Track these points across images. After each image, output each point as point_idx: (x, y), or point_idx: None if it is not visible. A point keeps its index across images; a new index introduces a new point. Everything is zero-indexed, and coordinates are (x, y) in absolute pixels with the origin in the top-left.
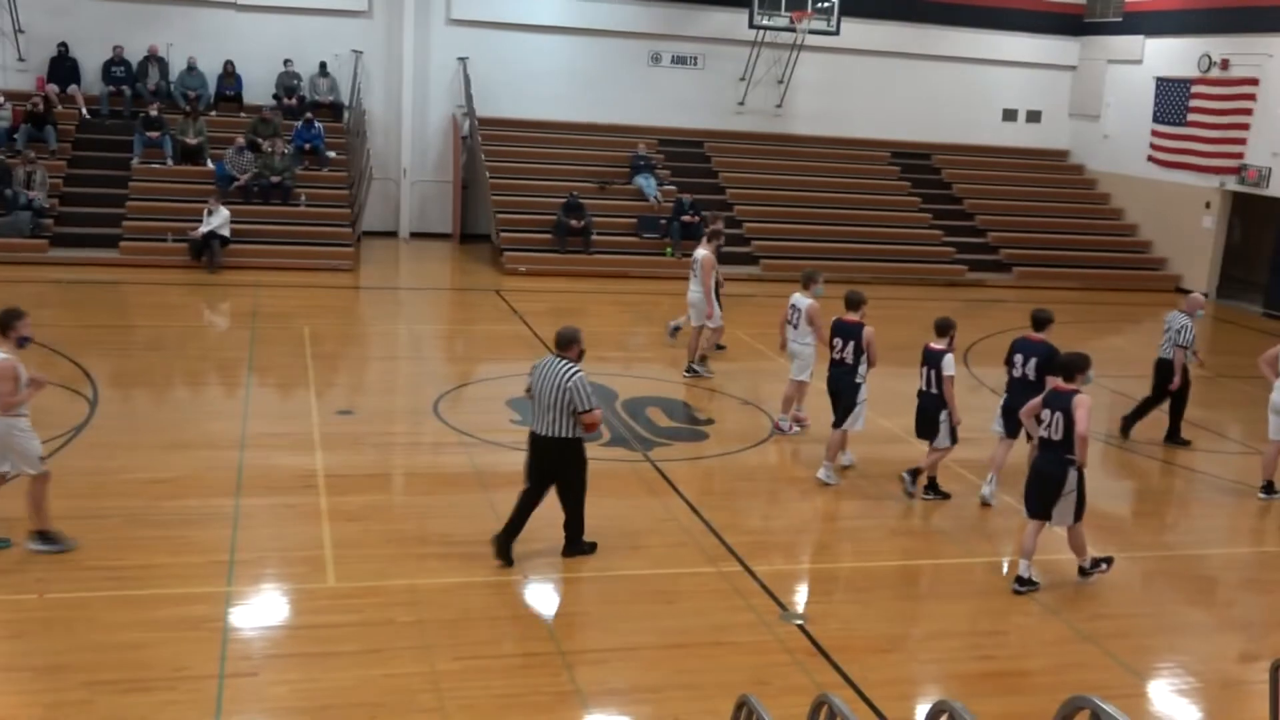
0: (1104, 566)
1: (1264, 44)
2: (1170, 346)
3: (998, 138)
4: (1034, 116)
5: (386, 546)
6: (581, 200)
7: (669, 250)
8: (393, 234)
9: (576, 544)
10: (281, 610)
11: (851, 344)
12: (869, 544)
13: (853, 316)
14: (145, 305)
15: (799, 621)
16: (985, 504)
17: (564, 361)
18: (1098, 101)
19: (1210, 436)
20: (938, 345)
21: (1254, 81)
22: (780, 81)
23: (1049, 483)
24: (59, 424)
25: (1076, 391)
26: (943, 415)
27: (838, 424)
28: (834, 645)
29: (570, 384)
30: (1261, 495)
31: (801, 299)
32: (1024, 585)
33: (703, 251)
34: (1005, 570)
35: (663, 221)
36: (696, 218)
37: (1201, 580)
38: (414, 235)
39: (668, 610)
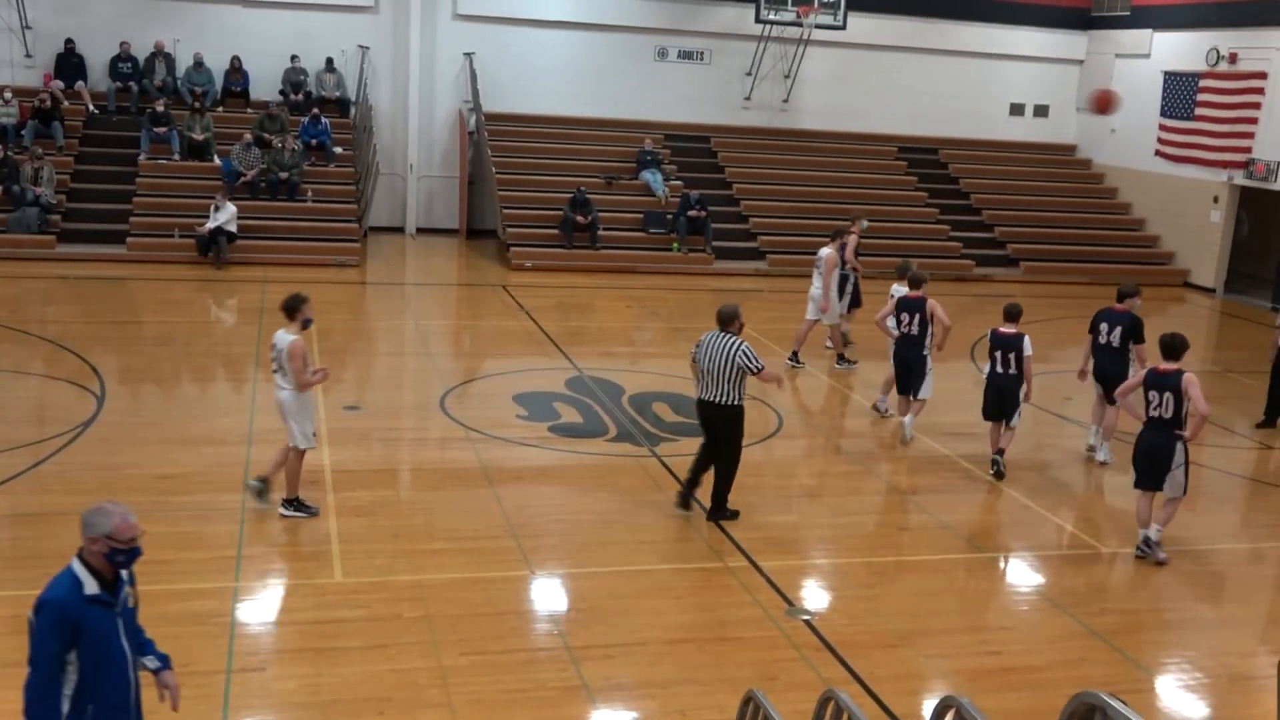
0: (1163, 556)
1: (1273, 38)
2: None
3: (1005, 132)
4: (1041, 111)
5: (393, 542)
6: (588, 195)
7: (675, 245)
8: (399, 229)
9: (721, 510)
10: (289, 605)
11: (917, 317)
12: (876, 540)
13: (916, 293)
14: (152, 301)
15: (806, 617)
16: (1095, 457)
17: (728, 335)
18: None
19: (1218, 431)
20: (1010, 329)
21: (1262, 75)
22: (787, 76)
23: (1160, 457)
24: (67, 420)
25: (1182, 371)
26: (1021, 391)
27: (912, 393)
28: (841, 641)
29: (738, 355)
30: None
31: (899, 289)
32: (1149, 547)
33: (827, 250)
34: (1003, 565)
35: (669, 217)
36: (703, 213)
37: (1210, 575)
38: (420, 231)
39: (674, 605)
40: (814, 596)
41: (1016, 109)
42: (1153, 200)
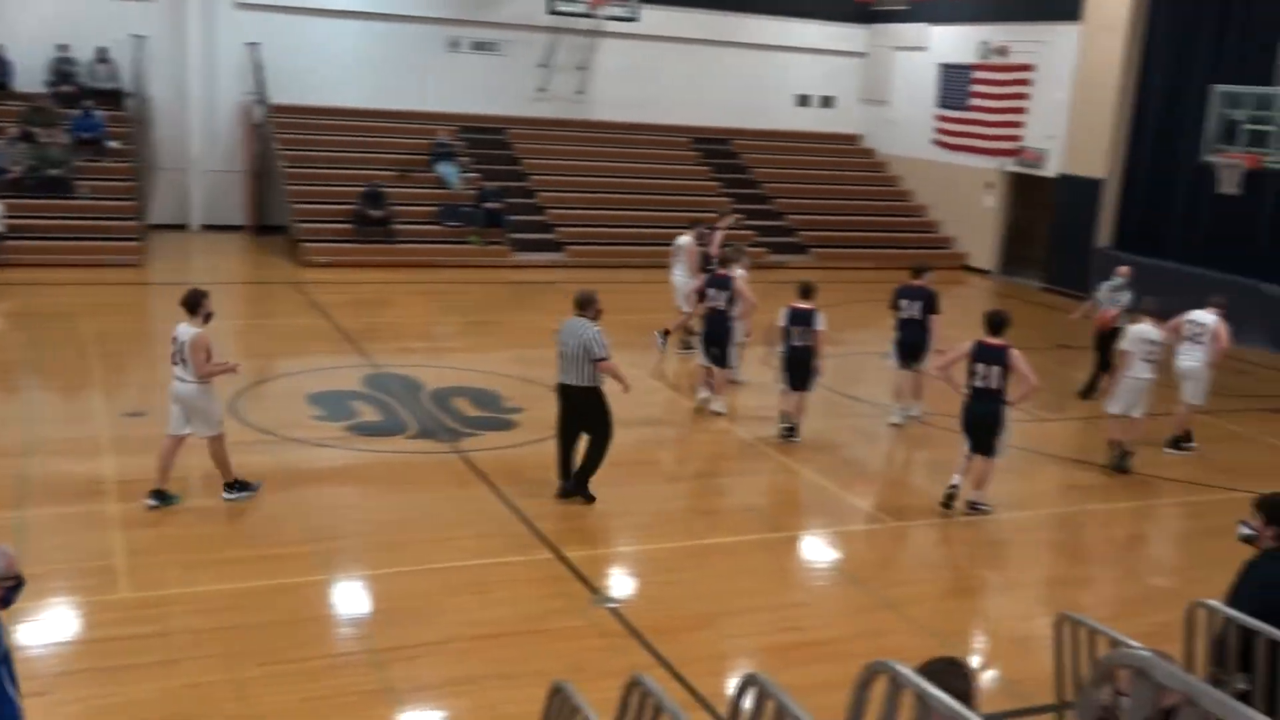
0: (986, 508)
1: (1039, 31)
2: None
3: (793, 122)
4: (827, 102)
5: (185, 552)
6: (382, 189)
7: (473, 238)
8: (182, 226)
9: (582, 487)
10: (72, 624)
11: (725, 294)
12: (677, 524)
13: (724, 271)
14: None
15: (612, 605)
16: (897, 425)
17: (583, 319)
18: (886, 87)
19: None
20: (804, 305)
21: (1030, 67)
22: (581, 68)
23: (992, 424)
24: None
25: (1009, 346)
26: (815, 362)
27: (718, 364)
28: (647, 626)
29: (587, 336)
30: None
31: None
32: (972, 508)
33: (685, 239)
34: (802, 543)
35: (466, 209)
36: (500, 205)
37: (994, 544)
38: (205, 227)
39: (479, 601)
40: (620, 584)
41: (803, 100)
42: (932, 187)
